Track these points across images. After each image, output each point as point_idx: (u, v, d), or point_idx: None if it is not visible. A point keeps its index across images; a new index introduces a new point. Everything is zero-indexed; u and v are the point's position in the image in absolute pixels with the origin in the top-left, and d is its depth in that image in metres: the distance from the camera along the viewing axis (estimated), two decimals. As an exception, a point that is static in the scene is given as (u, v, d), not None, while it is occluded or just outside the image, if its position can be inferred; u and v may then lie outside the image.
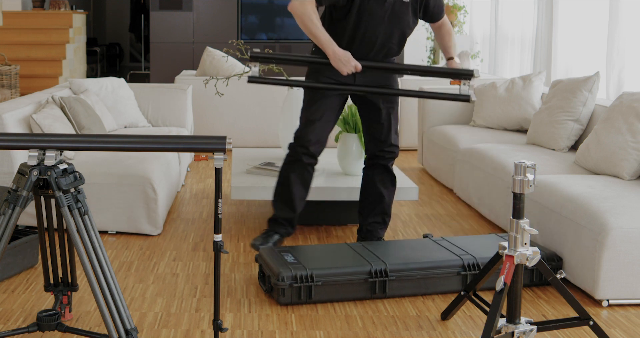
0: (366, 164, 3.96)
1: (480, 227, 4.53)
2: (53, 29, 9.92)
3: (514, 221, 2.67)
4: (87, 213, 2.49)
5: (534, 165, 2.63)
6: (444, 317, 3.13)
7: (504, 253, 2.69)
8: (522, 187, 2.63)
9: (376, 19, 3.58)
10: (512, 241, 2.68)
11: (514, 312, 2.70)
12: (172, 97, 5.89)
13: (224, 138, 2.52)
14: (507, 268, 2.65)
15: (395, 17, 3.61)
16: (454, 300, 3.08)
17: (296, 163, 3.78)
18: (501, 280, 2.63)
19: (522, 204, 2.65)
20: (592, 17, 5.69)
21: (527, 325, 2.70)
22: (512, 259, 2.65)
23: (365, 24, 3.59)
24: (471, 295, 3.00)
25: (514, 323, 2.69)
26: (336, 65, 3.52)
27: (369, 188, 3.94)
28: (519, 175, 2.64)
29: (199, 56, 9.98)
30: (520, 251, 2.66)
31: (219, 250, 2.52)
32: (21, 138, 2.55)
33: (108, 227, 4.24)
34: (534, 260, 2.66)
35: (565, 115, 4.73)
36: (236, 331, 3.00)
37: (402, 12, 3.61)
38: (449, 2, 9.29)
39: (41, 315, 2.65)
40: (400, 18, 3.62)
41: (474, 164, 4.84)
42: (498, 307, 2.62)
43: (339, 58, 3.50)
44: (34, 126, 4.31)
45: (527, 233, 2.66)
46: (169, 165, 4.68)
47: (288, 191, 3.82)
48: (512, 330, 2.68)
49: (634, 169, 3.83)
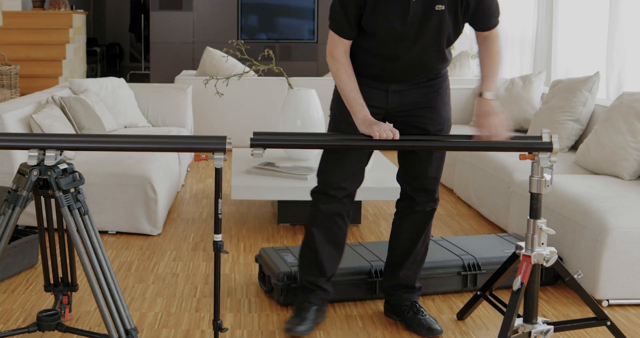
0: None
1: (480, 227, 4.53)
2: (53, 29, 9.91)
3: (531, 221, 2.67)
4: (87, 213, 2.49)
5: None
6: (460, 317, 3.13)
7: (521, 253, 2.70)
8: (539, 187, 2.64)
9: (397, 38, 2.75)
10: (530, 241, 2.68)
11: (531, 311, 2.70)
12: (172, 97, 5.89)
13: (224, 138, 2.52)
14: (524, 268, 2.65)
15: (425, 30, 2.73)
16: (470, 300, 3.08)
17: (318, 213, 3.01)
18: (518, 280, 2.63)
19: (540, 204, 2.66)
20: (592, 17, 5.68)
21: (544, 325, 2.70)
22: (530, 259, 2.66)
23: (389, 44, 2.77)
24: (487, 295, 3.00)
25: (531, 323, 2.70)
26: (364, 131, 2.76)
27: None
28: (536, 175, 2.64)
29: (199, 56, 9.98)
30: (538, 251, 2.66)
31: (219, 250, 2.52)
32: (21, 138, 2.55)
33: (108, 227, 4.24)
34: (552, 260, 2.67)
35: (565, 115, 4.73)
36: (236, 331, 3.00)
37: (436, 21, 2.71)
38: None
39: (41, 315, 2.65)
40: (433, 28, 2.73)
41: (474, 164, 4.84)
42: (515, 307, 2.62)
43: (368, 125, 2.74)
44: (34, 126, 4.31)
45: (545, 233, 2.66)
46: (169, 165, 4.68)
47: (313, 250, 3.03)
48: (529, 330, 2.68)
49: (634, 169, 3.83)
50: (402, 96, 2.87)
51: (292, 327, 2.95)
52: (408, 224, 3.04)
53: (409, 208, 3.03)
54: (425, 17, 2.69)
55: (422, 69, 2.83)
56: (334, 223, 2.98)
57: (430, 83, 2.88)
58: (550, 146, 2.62)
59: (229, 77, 4.95)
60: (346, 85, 2.79)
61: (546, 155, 2.62)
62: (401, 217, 3.06)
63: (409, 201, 3.03)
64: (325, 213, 2.96)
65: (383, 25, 2.72)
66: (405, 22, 2.69)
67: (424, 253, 3.10)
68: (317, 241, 2.97)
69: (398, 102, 2.87)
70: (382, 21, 2.71)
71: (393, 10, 2.68)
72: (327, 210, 2.95)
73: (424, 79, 2.87)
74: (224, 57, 6.79)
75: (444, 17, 2.70)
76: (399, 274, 3.08)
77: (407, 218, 3.04)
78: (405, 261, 3.07)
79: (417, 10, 2.67)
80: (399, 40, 2.74)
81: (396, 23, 2.70)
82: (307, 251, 3.03)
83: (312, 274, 3.02)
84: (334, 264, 3.05)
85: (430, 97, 2.88)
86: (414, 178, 2.99)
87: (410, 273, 3.09)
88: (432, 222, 3.06)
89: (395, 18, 2.69)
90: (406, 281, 3.09)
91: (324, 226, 2.98)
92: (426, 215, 3.02)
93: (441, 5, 2.67)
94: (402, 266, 3.08)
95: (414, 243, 3.05)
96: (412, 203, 3.01)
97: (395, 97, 2.87)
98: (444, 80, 2.92)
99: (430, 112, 2.86)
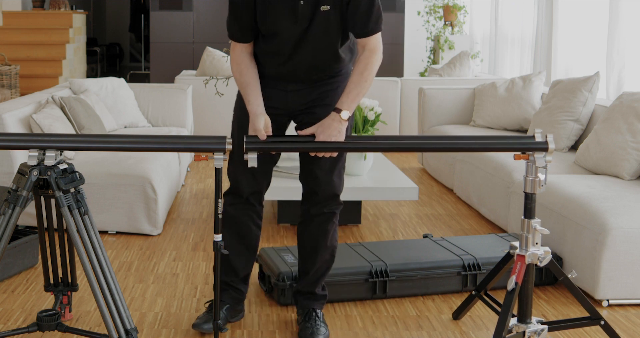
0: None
1: (480, 227, 4.53)
2: (53, 29, 9.92)
3: (525, 220, 2.67)
4: (87, 213, 2.49)
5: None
6: (455, 317, 3.13)
7: (515, 252, 2.70)
8: (533, 187, 2.64)
9: (288, 38, 2.75)
10: (524, 241, 2.68)
11: (525, 311, 2.70)
12: (172, 97, 5.89)
13: (224, 138, 2.52)
14: (519, 268, 2.65)
15: (314, 31, 2.72)
16: (465, 300, 3.08)
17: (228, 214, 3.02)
18: (512, 279, 2.64)
19: (534, 204, 2.66)
20: (592, 17, 5.69)
21: (538, 324, 2.71)
22: (524, 259, 2.66)
23: (281, 45, 2.77)
24: (482, 295, 3.00)
25: (525, 323, 2.70)
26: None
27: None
28: (530, 175, 2.64)
29: (199, 56, 9.98)
30: (532, 251, 2.67)
31: (219, 250, 2.52)
32: (21, 138, 2.55)
33: (108, 227, 4.24)
34: (546, 259, 2.67)
35: (565, 115, 4.73)
36: (236, 331, 3.00)
37: (322, 22, 2.70)
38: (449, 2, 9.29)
39: (41, 315, 2.65)
40: (321, 29, 2.72)
41: (474, 164, 4.84)
42: (510, 307, 2.62)
43: (251, 121, 2.73)
44: (34, 126, 4.31)
45: (539, 233, 2.66)
46: (169, 165, 4.68)
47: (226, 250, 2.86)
48: (523, 329, 2.69)
49: (634, 169, 3.83)
50: (300, 95, 2.85)
51: (200, 323, 2.97)
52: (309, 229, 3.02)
53: (307, 212, 3.00)
54: (313, 18, 2.69)
55: (315, 69, 2.81)
56: (242, 224, 2.99)
57: (329, 81, 2.87)
58: (546, 146, 2.61)
59: (229, 77, 4.95)
60: (238, 81, 2.82)
61: (541, 155, 2.62)
62: (302, 222, 3.04)
63: (307, 205, 3.00)
64: (233, 214, 2.97)
65: (274, 27, 2.73)
66: (295, 23, 2.70)
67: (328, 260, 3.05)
68: (227, 242, 2.92)
69: (297, 102, 2.86)
70: (273, 23, 2.72)
71: (282, 12, 2.70)
72: (234, 211, 2.97)
73: (324, 78, 2.85)
74: (224, 57, 6.79)
75: (329, 18, 2.69)
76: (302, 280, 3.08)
77: (308, 222, 3.01)
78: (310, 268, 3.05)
79: (305, 11, 2.68)
80: (290, 41, 2.74)
81: (286, 25, 2.71)
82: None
83: (225, 273, 3.01)
84: (247, 264, 3.05)
85: (327, 95, 2.86)
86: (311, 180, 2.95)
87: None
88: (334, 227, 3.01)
89: (285, 20, 2.70)
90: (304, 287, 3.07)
91: (232, 227, 2.99)
92: (326, 217, 2.97)
93: (326, 6, 2.68)
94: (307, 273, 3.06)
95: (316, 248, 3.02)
96: (311, 207, 2.98)
97: (294, 97, 2.86)
98: (345, 78, 2.88)
99: (327, 110, 2.80)
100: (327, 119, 2.67)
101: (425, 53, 9.93)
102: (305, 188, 2.98)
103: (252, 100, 2.76)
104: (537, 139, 2.62)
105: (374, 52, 2.73)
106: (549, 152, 2.61)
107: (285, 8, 2.70)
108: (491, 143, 2.70)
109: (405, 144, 2.77)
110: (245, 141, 2.60)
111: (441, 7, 9.35)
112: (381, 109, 4.45)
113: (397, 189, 4.20)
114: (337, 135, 2.66)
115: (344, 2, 2.69)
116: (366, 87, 2.72)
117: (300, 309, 3.04)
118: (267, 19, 2.73)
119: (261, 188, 2.98)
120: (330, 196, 2.93)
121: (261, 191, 2.99)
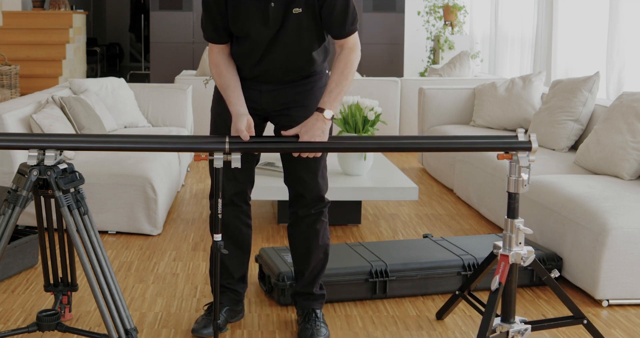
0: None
1: (480, 227, 4.53)
2: (53, 29, 9.92)
3: (508, 220, 2.67)
4: (87, 213, 2.49)
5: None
6: (439, 317, 3.13)
7: (498, 252, 2.70)
8: (516, 187, 2.64)
9: (260, 40, 2.74)
10: (507, 241, 2.68)
11: (509, 311, 2.70)
12: (172, 97, 5.89)
13: (224, 138, 2.52)
14: (502, 268, 2.65)
15: (285, 33, 2.71)
16: (449, 300, 3.08)
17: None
18: (496, 279, 2.64)
19: (517, 203, 2.66)
20: (592, 17, 5.69)
21: (522, 324, 2.71)
22: (507, 258, 2.66)
23: (253, 47, 2.76)
24: (466, 295, 3.00)
25: (509, 323, 2.70)
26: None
27: None
28: (513, 175, 2.64)
29: (199, 56, 9.98)
30: (515, 250, 2.66)
31: (219, 250, 2.52)
32: (21, 138, 2.55)
33: (108, 227, 4.24)
34: (529, 259, 2.67)
35: (565, 115, 4.73)
36: (236, 331, 3.00)
37: (294, 24, 2.69)
38: (449, 2, 9.30)
39: (41, 315, 2.65)
40: (293, 31, 2.71)
41: (474, 164, 4.84)
42: (493, 307, 2.62)
43: (234, 122, 2.70)
44: (34, 126, 4.31)
45: (522, 233, 2.66)
46: (169, 165, 4.68)
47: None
48: (506, 329, 2.69)
49: (634, 169, 3.83)
50: (274, 95, 2.84)
51: (199, 328, 2.95)
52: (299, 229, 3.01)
53: (295, 215, 3.00)
54: (285, 20, 2.67)
55: (288, 71, 2.79)
56: (230, 225, 2.98)
57: (304, 81, 2.85)
58: (529, 145, 2.59)
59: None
60: (218, 83, 2.81)
61: (525, 154, 2.60)
62: (292, 224, 3.04)
63: (295, 208, 2.99)
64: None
65: (245, 29, 2.72)
66: (266, 26, 2.68)
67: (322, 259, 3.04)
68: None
69: (271, 102, 2.85)
70: (243, 25, 2.71)
71: (253, 14, 2.68)
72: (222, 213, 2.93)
73: (298, 78, 2.83)
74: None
75: (302, 20, 2.68)
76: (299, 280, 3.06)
77: (297, 224, 3.00)
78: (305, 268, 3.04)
79: (276, 14, 2.66)
80: (262, 43, 2.73)
81: (257, 27, 2.70)
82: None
83: (221, 276, 2.99)
84: (241, 265, 3.05)
85: (302, 96, 2.84)
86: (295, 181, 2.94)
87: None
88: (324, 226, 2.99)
89: (256, 22, 2.69)
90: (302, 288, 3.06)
91: (222, 229, 2.91)
92: (314, 217, 2.96)
93: (298, 8, 2.66)
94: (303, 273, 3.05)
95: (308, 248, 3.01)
96: (299, 209, 2.97)
97: (268, 97, 2.84)
98: (320, 78, 2.88)
99: (303, 111, 2.79)
100: (310, 119, 2.64)
101: (425, 53, 9.94)
102: (291, 191, 2.97)
103: (233, 101, 2.75)
104: (520, 139, 2.61)
105: (352, 50, 2.72)
106: (533, 151, 2.60)
107: (256, 10, 2.68)
108: (474, 143, 2.70)
109: (406, 144, 2.77)
110: (228, 141, 2.55)
111: (441, 7, 9.36)
112: (381, 109, 4.45)
113: (397, 189, 4.19)
114: (321, 135, 2.63)
115: (317, 4, 2.66)
116: (347, 85, 2.70)
117: (300, 310, 3.04)
118: (238, 21, 2.72)
119: (244, 187, 2.98)
120: (317, 198, 2.94)
121: (245, 190, 2.99)
